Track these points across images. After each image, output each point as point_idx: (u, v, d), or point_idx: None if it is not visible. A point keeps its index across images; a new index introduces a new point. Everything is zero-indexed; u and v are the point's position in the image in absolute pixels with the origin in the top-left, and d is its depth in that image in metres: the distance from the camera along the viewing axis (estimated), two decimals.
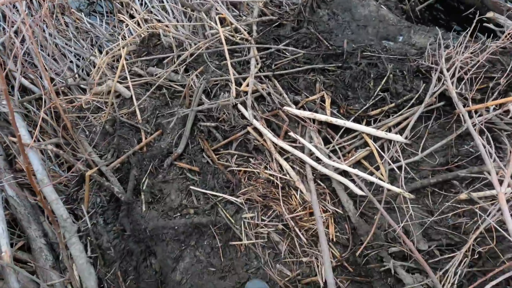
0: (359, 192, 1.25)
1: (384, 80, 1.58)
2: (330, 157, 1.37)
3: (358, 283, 1.20)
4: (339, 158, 1.38)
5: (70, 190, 1.63)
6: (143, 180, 1.53)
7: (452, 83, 1.42)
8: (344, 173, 1.36)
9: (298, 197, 1.35)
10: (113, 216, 1.52)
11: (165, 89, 1.82)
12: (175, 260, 1.33)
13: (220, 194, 1.40)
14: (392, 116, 1.48)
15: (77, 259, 1.38)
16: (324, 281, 1.19)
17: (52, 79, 2.00)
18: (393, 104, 1.49)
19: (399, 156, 1.35)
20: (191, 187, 1.47)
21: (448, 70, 1.49)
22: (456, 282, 1.04)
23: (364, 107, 1.51)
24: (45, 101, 1.68)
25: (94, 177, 1.54)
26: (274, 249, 1.30)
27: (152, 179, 1.54)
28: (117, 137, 1.69)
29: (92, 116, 1.82)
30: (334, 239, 1.26)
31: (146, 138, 1.67)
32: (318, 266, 1.23)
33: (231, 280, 1.27)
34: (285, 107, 1.54)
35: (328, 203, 1.32)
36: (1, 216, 1.36)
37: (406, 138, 1.39)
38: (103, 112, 1.83)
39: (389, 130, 1.44)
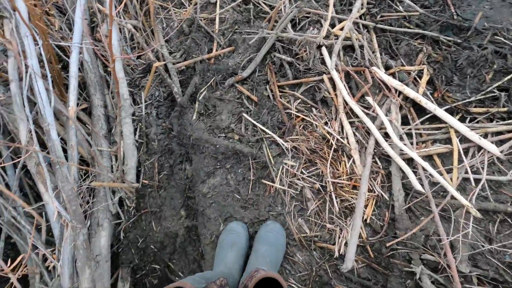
0: (418, 187, 1.11)
1: (508, 78, 1.27)
2: (401, 139, 1.21)
3: (374, 270, 1.14)
4: (411, 144, 1.21)
5: (135, 75, 1.69)
6: (202, 90, 1.52)
7: None
8: (409, 162, 1.21)
9: (347, 165, 1.25)
10: (165, 113, 1.57)
11: (252, 4, 1.67)
12: (207, 174, 1.37)
13: (270, 132, 1.35)
14: (497, 122, 1.22)
15: (126, 138, 1.49)
16: (339, 252, 1.16)
17: None
18: (505, 109, 1.22)
19: (482, 168, 1.15)
20: (244, 114, 1.43)
21: None
22: None
23: (467, 100, 1.25)
24: None
25: (159, 70, 1.56)
26: (302, 204, 1.26)
27: (210, 92, 1.52)
28: (190, 39, 1.65)
29: (174, 10, 1.77)
30: (368, 221, 1.18)
31: (217, 50, 1.60)
32: (339, 237, 1.19)
33: (251, 213, 1.29)
34: (373, 67, 1.34)
35: (378, 184, 1.21)
36: (75, 73, 1.46)
37: (501, 152, 1.16)
38: (184, 10, 1.77)
39: (485, 136, 1.21)
